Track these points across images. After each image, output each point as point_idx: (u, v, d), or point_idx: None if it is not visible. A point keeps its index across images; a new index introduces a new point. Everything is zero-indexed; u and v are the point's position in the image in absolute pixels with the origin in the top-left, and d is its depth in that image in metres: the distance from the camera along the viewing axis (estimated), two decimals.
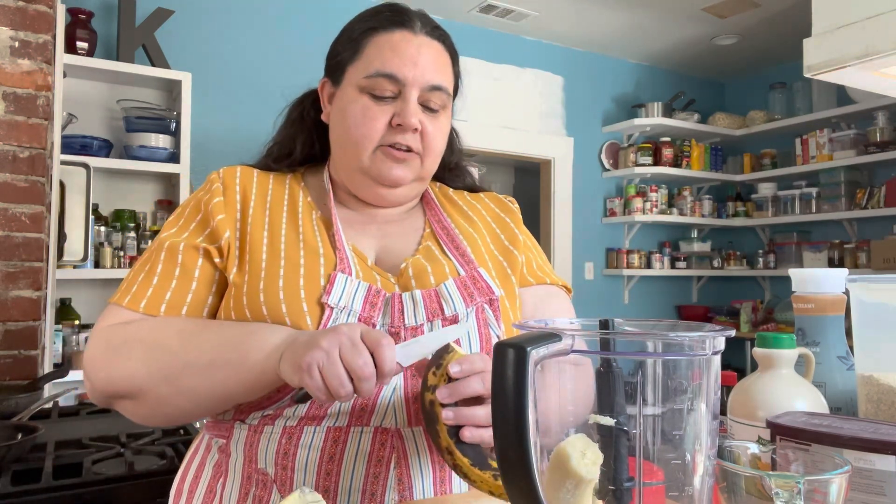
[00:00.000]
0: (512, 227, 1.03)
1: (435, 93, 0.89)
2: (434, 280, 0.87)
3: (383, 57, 0.88)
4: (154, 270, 0.86)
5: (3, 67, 1.87)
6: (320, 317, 0.80)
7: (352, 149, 0.90)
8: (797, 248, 4.51)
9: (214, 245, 0.87)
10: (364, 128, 0.88)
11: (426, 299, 0.85)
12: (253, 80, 3.39)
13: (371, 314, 0.82)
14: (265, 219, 0.89)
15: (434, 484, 0.82)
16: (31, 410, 1.46)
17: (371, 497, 0.78)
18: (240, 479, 0.81)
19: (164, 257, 0.87)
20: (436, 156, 0.93)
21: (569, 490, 0.51)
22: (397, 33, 0.89)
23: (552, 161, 4.45)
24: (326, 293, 0.81)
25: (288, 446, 0.79)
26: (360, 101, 0.88)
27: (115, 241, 2.88)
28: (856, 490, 0.62)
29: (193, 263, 0.86)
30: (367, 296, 0.83)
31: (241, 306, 0.82)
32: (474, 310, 0.87)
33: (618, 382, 0.51)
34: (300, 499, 0.57)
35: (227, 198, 0.90)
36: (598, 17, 4.03)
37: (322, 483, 0.78)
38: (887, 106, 3.92)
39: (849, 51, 1.08)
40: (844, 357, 0.88)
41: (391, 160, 0.89)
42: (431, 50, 0.90)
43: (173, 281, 0.85)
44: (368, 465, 0.78)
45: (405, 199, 0.96)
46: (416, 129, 0.88)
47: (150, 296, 0.85)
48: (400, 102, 0.88)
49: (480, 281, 0.89)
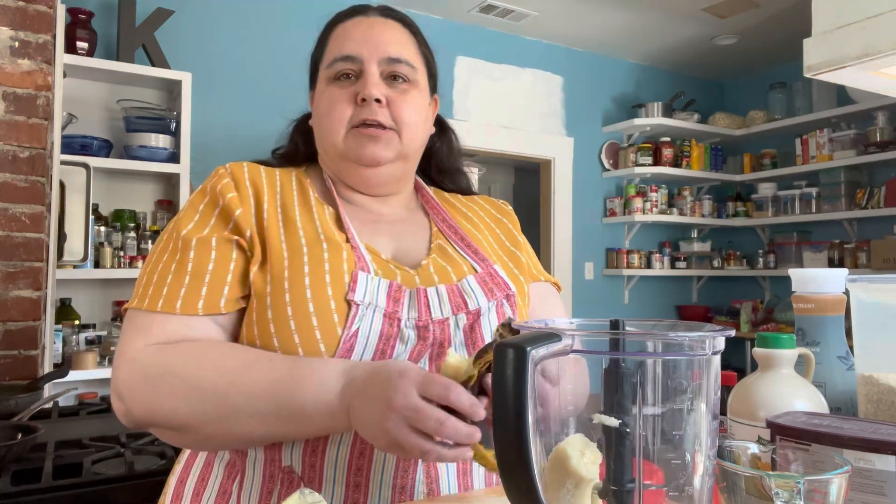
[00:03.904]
0: (511, 229, 1.06)
1: (397, 65, 0.91)
2: (455, 277, 0.89)
3: (340, 44, 0.92)
4: (185, 268, 0.82)
5: (3, 67, 1.87)
6: (347, 314, 0.80)
7: (328, 137, 0.92)
8: (797, 248, 4.50)
9: (242, 238, 0.85)
10: (333, 112, 0.90)
11: (450, 293, 0.86)
12: (253, 80, 3.39)
13: (396, 309, 0.82)
14: (279, 214, 0.88)
15: (458, 476, 0.83)
16: (31, 410, 1.46)
17: (401, 490, 0.78)
18: (260, 478, 0.80)
19: (195, 252, 0.83)
20: (413, 130, 0.93)
21: (569, 490, 0.51)
22: (350, 21, 0.94)
23: (552, 161, 4.45)
24: (352, 290, 0.81)
25: (316, 443, 0.78)
26: (326, 91, 0.92)
27: (115, 241, 2.88)
28: (856, 490, 0.62)
29: (228, 256, 0.83)
30: (389, 291, 0.83)
31: (264, 306, 0.80)
32: (494, 304, 0.89)
33: (625, 383, 0.51)
34: (300, 499, 0.57)
35: (240, 193, 0.87)
36: (598, 17, 4.03)
37: (353, 479, 0.78)
38: (887, 106, 3.92)
39: (849, 51, 1.08)
40: (844, 357, 0.88)
41: (365, 138, 0.90)
42: (386, 27, 0.94)
43: (207, 276, 0.81)
44: (398, 460, 0.79)
45: (392, 178, 0.95)
46: (378, 100, 0.89)
47: (185, 294, 0.80)
48: (361, 80, 0.90)
49: (497, 277, 0.92)
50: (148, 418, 0.78)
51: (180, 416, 0.76)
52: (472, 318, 0.86)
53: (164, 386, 0.75)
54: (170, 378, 0.75)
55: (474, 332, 0.86)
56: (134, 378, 0.77)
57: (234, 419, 0.74)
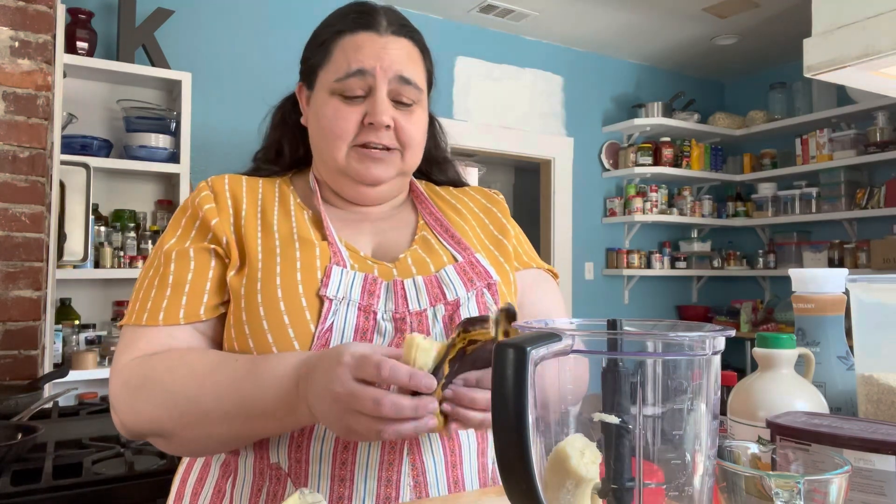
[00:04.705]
0: (499, 216, 1.04)
1: (405, 87, 0.90)
2: (433, 268, 0.89)
3: (349, 58, 0.89)
4: (166, 281, 0.85)
5: (3, 67, 1.87)
6: (320, 309, 0.81)
7: (327, 151, 0.91)
8: (797, 248, 4.50)
9: (220, 246, 0.87)
10: (336, 129, 0.89)
11: (427, 285, 0.86)
12: (253, 80, 3.38)
13: (370, 302, 0.83)
14: (258, 220, 0.90)
15: (446, 468, 0.82)
16: (31, 410, 1.46)
17: (387, 483, 0.79)
18: (251, 475, 0.81)
19: (175, 265, 0.85)
20: (416, 150, 0.93)
21: (569, 490, 0.51)
22: (362, 34, 0.90)
23: (552, 161, 4.45)
24: (324, 286, 0.82)
25: (301, 439, 0.79)
26: (330, 103, 0.90)
27: (115, 241, 2.88)
28: (856, 490, 0.62)
29: (206, 265, 0.86)
30: (364, 285, 0.84)
31: (240, 308, 0.82)
32: (474, 294, 0.88)
33: (624, 383, 0.51)
34: (300, 499, 0.57)
35: (218, 203, 0.89)
36: (598, 17, 4.03)
37: (338, 472, 0.78)
38: (887, 106, 3.92)
39: (849, 51, 1.08)
40: (844, 357, 0.88)
41: (368, 160, 0.89)
42: (398, 46, 0.91)
43: (186, 286, 0.84)
44: (382, 453, 0.79)
45: (389, 195, 0.97)
46: (389, 126, 0.88)
47: (167, 306, 0.83)
48: (370, 101, 0.88)
49: (478, 266, 0.91)
50: (137, 427, 0.81)
51: (161, 423, 0.78)
52: (450, 308, 0.86)
53: (143, 393, 0.78)
54: (150, 385, 0.78)
55: (454, 322, 0.86)
56: (120, 390, 0.81)
57: (206, 422, 0.76)
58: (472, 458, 0.85)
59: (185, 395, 0.76)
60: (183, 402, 0.77)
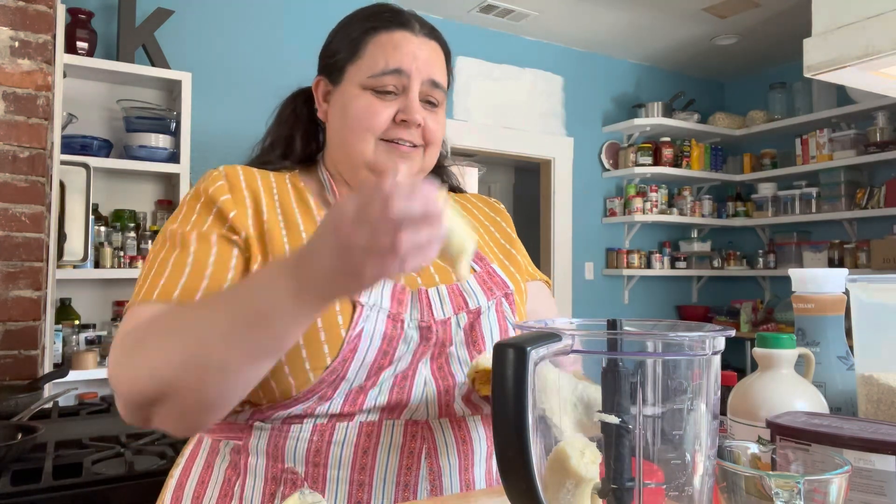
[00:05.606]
0: (505, 228, 1.08)
1: (434, 89, 0.93)
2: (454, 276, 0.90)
3: (387, 55, 0.90)
4: (185, 258, 0.79)
5: (3, 67, 1.87)
6: (352, 314, 0.80)
7: (354, 144, 0.90)
8: (797, 248, 4.50)
9: (240, 238, 0.84)
10: (367, 122, 0.89)
11: (451, 293, 0.88)
12: (253, 80, 3.38)
13: (399, 310, 0.83)
14: (278, 216, 0.87)
15: (459, 472, 0.84)
16: (31, 410, 1.46)
17: (405, 487, 0.80)
18: (262, 480, 0.80)
19: (195, 246, 0.80)
20: (436, 148, 0.96)
21: (569, 490, 0.51)
22: (398, 33, 0.92)
23: (552, 161, 4.44)
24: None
25: (320, 444, 0.79)
26: (363, 97, 0.90)
27: (115, 241, 2.88)
28: (856, 490, 0.62)
29: (229, 253, 0.82)
30: (393, 292, 0.84)
31: None
32: (494, 303, 0.90)
33: (624, 383, 0.51)
34: (300, 499, 0.57)
35: (235, 195, 0.86)
36: (598, 17, 4.03)
37: (357, 477, 0.78)
38: (887, 106, 3.92)
39: (849, 51, 1.08)
40: (844, 357, 0.88)
41: (396, 154, 0.90)
42: (430, 48, 0.94)
43: (208, 269, 0.79)
44: (401, 458, 0.80)
45: None
46: (420, 124, 0.91)
47: (185, 283, 0.78)
48: (403, 98, 0.90)
49: (496, 276, 0.94)
50: (135, 395, 0.71)
51: (159, 374, 0.69)
52: (472, 316, 0.88)
53: (139, 349, 0.72)
54: (146, 338, 0.72)
55: (474, 330, 0.87)
56: (117, 357, 0.74)
57: (204, 353, 0.67)
58: (482, 461, 0.87)
59: (181, 328, 0.70)
60: (179, 335, 0.70)
